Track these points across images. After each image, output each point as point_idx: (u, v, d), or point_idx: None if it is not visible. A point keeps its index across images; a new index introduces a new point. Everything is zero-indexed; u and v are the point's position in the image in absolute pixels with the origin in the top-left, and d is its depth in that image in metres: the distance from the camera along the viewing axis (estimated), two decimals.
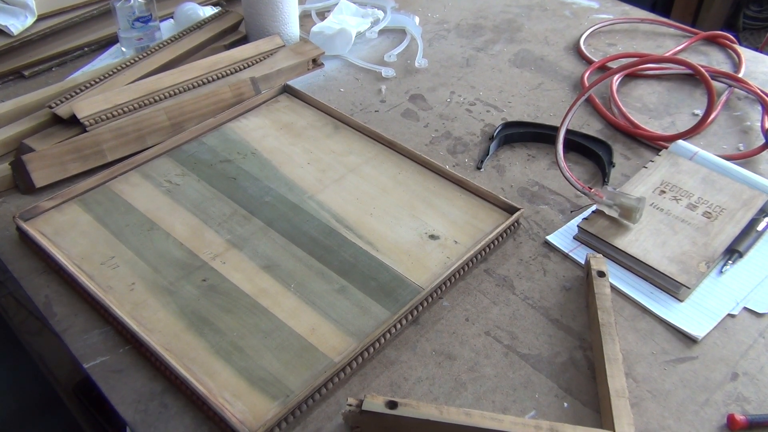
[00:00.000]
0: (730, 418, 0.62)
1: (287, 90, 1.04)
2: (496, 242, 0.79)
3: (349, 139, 0.95)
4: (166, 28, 1.18)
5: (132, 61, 1.04)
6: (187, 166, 0.89)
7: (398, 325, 0.69)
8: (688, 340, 0.70)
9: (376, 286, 0.73)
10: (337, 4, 1.24)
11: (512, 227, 0.82)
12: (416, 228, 0.81)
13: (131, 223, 0.81)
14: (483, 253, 0.78)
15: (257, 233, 0.79)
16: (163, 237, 0.79)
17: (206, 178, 0.87)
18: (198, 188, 0.86)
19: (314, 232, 0.80)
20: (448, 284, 0.75)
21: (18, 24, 1.09)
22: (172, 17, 1.22)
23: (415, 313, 0.71)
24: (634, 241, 0.78)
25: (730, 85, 1.07)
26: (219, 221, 0.81)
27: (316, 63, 1.13)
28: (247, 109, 0.99)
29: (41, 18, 1.13)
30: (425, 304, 0.72)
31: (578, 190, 0.84)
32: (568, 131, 0.91)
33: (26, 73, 1.08)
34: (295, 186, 0.87)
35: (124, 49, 1.11)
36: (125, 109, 0.95)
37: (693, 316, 0.72)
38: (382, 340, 0.68)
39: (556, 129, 0.91)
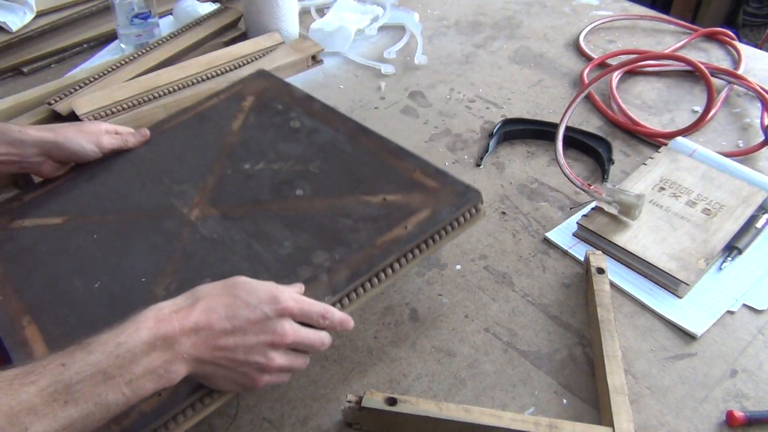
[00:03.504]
0: (729, 415, 0.62)
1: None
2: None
3: None
4: (165, 25, 1.18)
5: (131, 58, 1.04)
6: None
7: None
8: (687, 336, 0.70)
9: None
10: (336, 0, 1.24)
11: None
12: None
13: None
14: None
15: None
16: None
17: None
18: None
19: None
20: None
21: (17, 20, 1.09)
22: (171, 14, 1.22)
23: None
24: (633, 237, 0.78)
25: (729, 82, 1.07)
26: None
27: (315, 60, 1.13)
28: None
29: (40, 14, 1.13)
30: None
31: (578, 187, 0.84)
32: (567, 128, 0.91)
33: (25, 69, 1.08)
34: None
35: (123, 45, 1.11)
36: (124, 105, 0.95)
37: (692, 312, 0.72)
38: None
39: (555, 126, 0.91)
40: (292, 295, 0.55)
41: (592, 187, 0.82)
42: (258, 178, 0.76)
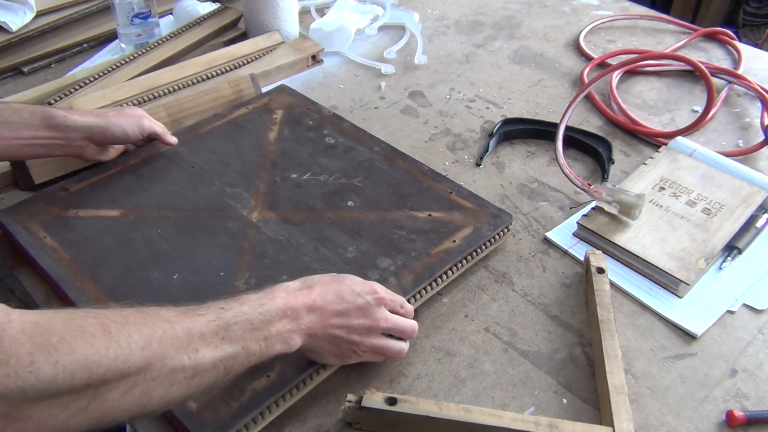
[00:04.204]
0: (729, 415, 0.62)
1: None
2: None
3: None
4: (165, 25, 1.18)
5: (131, 58, 1.04)
6: None
7: None
8: (687, 336, 0.70)
9: None
10: (336, 0, 1.24)
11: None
12: None
13: None
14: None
15: None
16: None
17: None
18: None
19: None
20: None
21: (17, 20, 1.09)
22: (171, 13, 1.22)
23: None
24: (633, 237, 0.78)
25: (729, 82, 1.07)
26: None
27: (315, 59, 1.13)
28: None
29: (40, 14, 1.13)
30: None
31: (578, 186, 0.84)
32: (567, 128, 0.91)
33: (25, 69, 1.08)
34: None
35: (123, 45, 1.11)
36: (124, 105, 0.95)
37: (692, 312, 0.72)
38: None
39: (555, 125, 0.91)
40: (383, 287, 0.64)
41: (592, 186, 0.82)
42: (307, 187, 0.82)
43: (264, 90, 1.02)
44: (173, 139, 0.86)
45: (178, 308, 0.51)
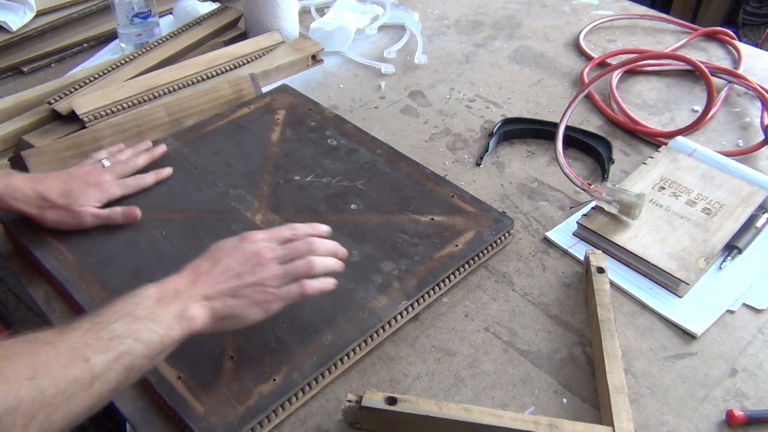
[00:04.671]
0: (729, 414, 0.62)
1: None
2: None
3: None
4: (165, 24, 1.18)
5: (131, 57, 1.04)
6: None
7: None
8: (687, 336, 0.70)
9: None
10: (336, 0, 1.24)
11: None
12: None
13: None
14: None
15: None
16: None
17: None
18: None
19: None
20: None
21: (17, 20, 1.09)
22: (171, 13, 1.22)
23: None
24: (633, 237, 0.78)
25: (729, 82, 1.07)
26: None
27: (315, 59, 1.13)
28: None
29: (40, 14, 1.13)
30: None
31: (578, 186, 0.84)
32: (567, 127, 0.91)
33: (25, 69, 1.08)
34: None
35: (123, 45, 1.11)
36: (124, 105, 0.95)
37: (692, 312, 0.72)
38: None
39: (555, 125, 0.91)
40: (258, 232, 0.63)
41: (592, 186, 0.82)
42: (310, 189, 0.83)
43: (264, 90, 1.02)
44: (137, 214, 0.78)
45: (54, 329, 0.50)
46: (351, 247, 0.74)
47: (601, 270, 0.73)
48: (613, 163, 0.92)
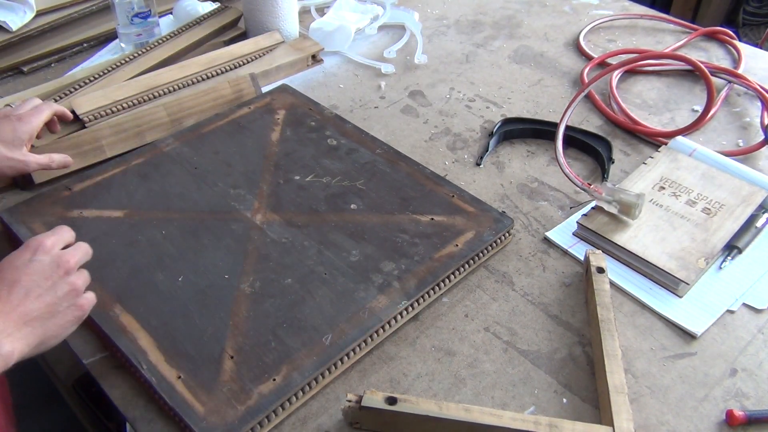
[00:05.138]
0: (729, 414, 0.62)
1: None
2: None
3: None
4: (165, 24, 1.18)
5: (131, 57, 1.04)
6: None
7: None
8: (687, 336, 0.71)
9: None
10: (336, 0, 1.24)
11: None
12: None
13: None
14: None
15: None
16: None
17: None
18: None
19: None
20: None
21: (17, 19, 1.09)
22: (171, 13, 1.21)
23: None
24: (633, 237, 0.78)
25: (729, 81, 1.07)
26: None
27: (315, 59, 1.13)
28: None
29: (40, 13, 1.13)
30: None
31: (578, 186, 0.84)
32: (567, 127, 0.91)
33: (25, 69, 1.08)
34: None
35: (123, 44, 1.11)
36: (124, 105, 0.95)
37: (692, 312, 0.72)
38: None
39: (555, 125, 0.91)
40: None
41: (592, 186, 0.82)
42: (310, 189, 0.83)
43: (264, 90, 1.02)
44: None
45: None
46: (351, 247, 0.75)
47: (601, 270, 0.73)
48: (613, 162, 0.92)
